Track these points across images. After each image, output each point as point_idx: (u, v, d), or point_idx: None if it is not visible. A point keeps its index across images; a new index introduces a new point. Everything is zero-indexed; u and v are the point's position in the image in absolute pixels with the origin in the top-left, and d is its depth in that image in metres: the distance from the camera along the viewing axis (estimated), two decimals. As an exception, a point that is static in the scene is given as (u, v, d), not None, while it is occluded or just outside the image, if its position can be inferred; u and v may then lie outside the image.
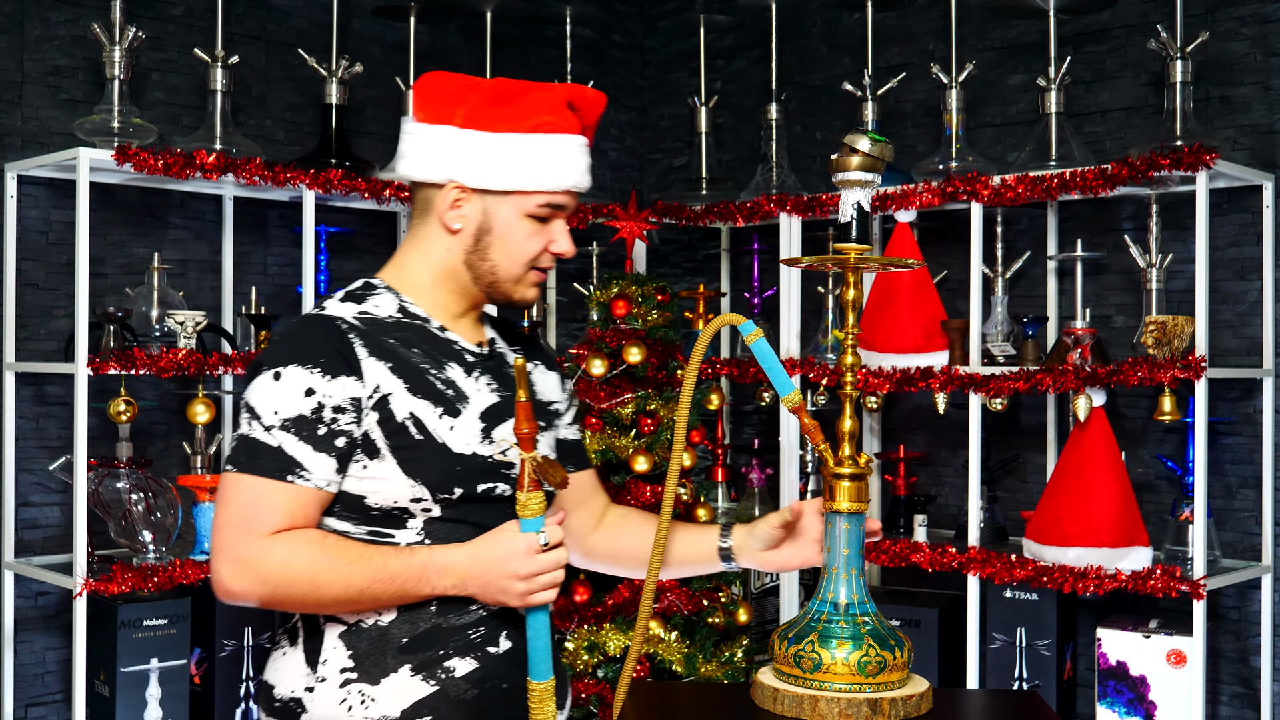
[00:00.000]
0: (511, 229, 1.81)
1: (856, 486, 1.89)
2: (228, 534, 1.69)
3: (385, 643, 1.74)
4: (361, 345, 1.74)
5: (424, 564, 1.72)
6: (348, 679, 1.74)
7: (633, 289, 3.43)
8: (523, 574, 1.71)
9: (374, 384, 1.73)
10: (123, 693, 3.08)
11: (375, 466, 1.73)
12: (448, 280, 1.85)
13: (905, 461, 3.72)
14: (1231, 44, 3.33)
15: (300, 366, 1.71)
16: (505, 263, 1.83)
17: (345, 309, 1.80)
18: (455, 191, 1.81)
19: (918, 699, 1.83)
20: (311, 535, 1.71)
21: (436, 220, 1.83)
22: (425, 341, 1.82)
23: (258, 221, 3.68)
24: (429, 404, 1.76)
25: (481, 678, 1.77)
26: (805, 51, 4.19)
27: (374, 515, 1.76)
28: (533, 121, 1.78)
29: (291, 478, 1.69)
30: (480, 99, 1.79)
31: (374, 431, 1.73)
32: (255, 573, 1.68)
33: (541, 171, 1.79)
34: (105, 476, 3.16)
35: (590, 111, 1.86)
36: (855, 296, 1.93)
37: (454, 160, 1.79)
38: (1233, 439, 3.34)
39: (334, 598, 1.70)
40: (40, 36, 3.32)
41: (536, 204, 1.81)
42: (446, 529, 1.78)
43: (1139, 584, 3.01)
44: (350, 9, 3.86)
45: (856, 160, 1.88)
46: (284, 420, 1.70)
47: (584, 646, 3.22)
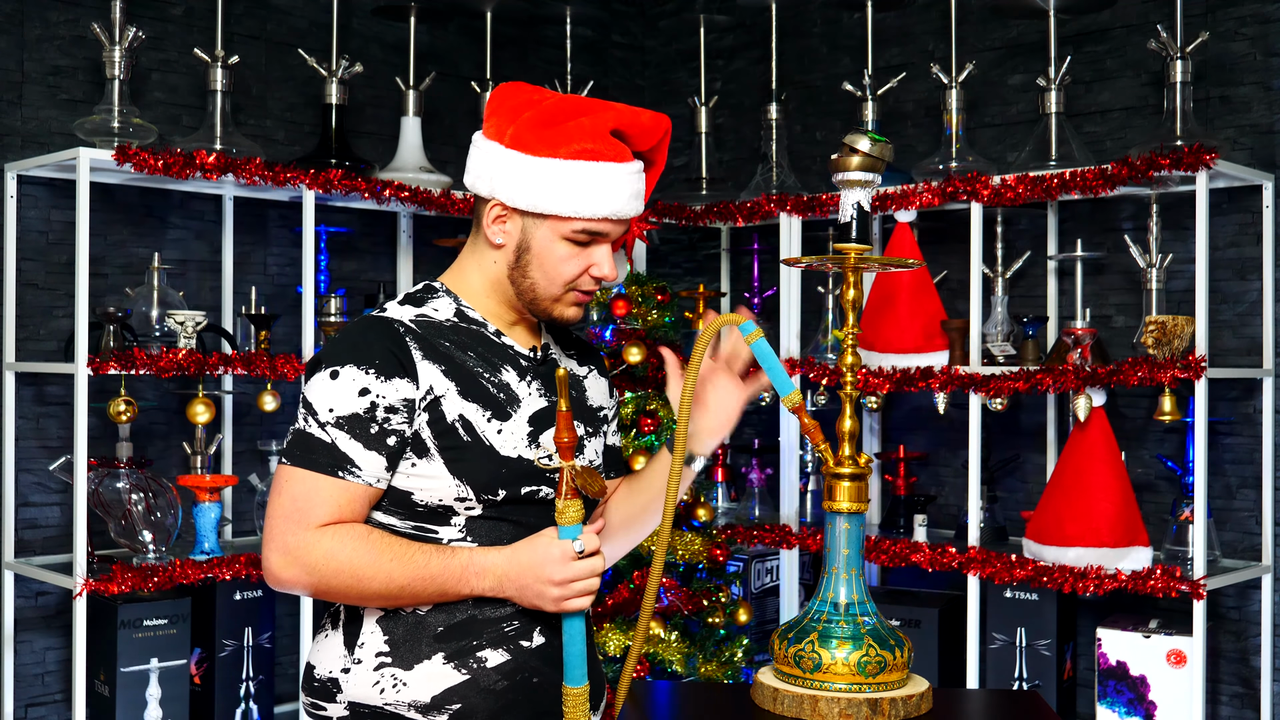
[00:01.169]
0: (549, 251, 1.84)
1: (856, 486, 1.89)
2: (279, 524, 1.75)
3: (421, 630, 1.79)
4: (417, 348, 1.79)
5: (464, 565, 1.76)
6: (382, 663, 1.79)
7: (633, 289, 3.42)
8: (557, 580, 1.74)
9: (427, 386, 1.78)
10: (123, 693, 3.08)
11: (424, 465, 1.78)
12: (496, 290, 1.88)
13: (905, 461, 3.72)
14: (1231, 44, 3.33)
15: (356, 367, 1.76)
16: (543, 282, 1.85)
17: (404, 312, 1.84)
18: (497, 208, 1.84)
19: (918, 699, 1.83)
20: (358, 530, 1.76)
21: (484, 233, 1.87)
22: (481, 345, 1.86)
23: (258, 221, 3.68)
24: (478, 407, 1.80)
25: (512, 670, 1.81)
26: (805, 51, 4.19)
27: (419, 511, 1.80)
28: (573, 148, 1.80)
29: (342, 474, 1.75)
30: (530, 120, 1.81)
31: (424, 431, 1.77)
32: (302, 563, 1.73)
33: (576, 198, 1.80)
34: (105, 476, 3.16)
35: (642, 139, 1.87)
36: (855, 296, 1.93)
37: (497, 177, 1.82)
38: (1233, 439, 3.34)
39: (376, 591, 1.75)
40: (40, 36, 3.32)
41: (573, 229, 1.82)
42: (488, 527, 1.82)
43: (1139, 584, 3.01)
44: (350, 9, 3.86)
45: (856, 160, 1.88)
46: (338, 418, 1.75)
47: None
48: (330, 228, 3.65)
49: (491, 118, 1.86)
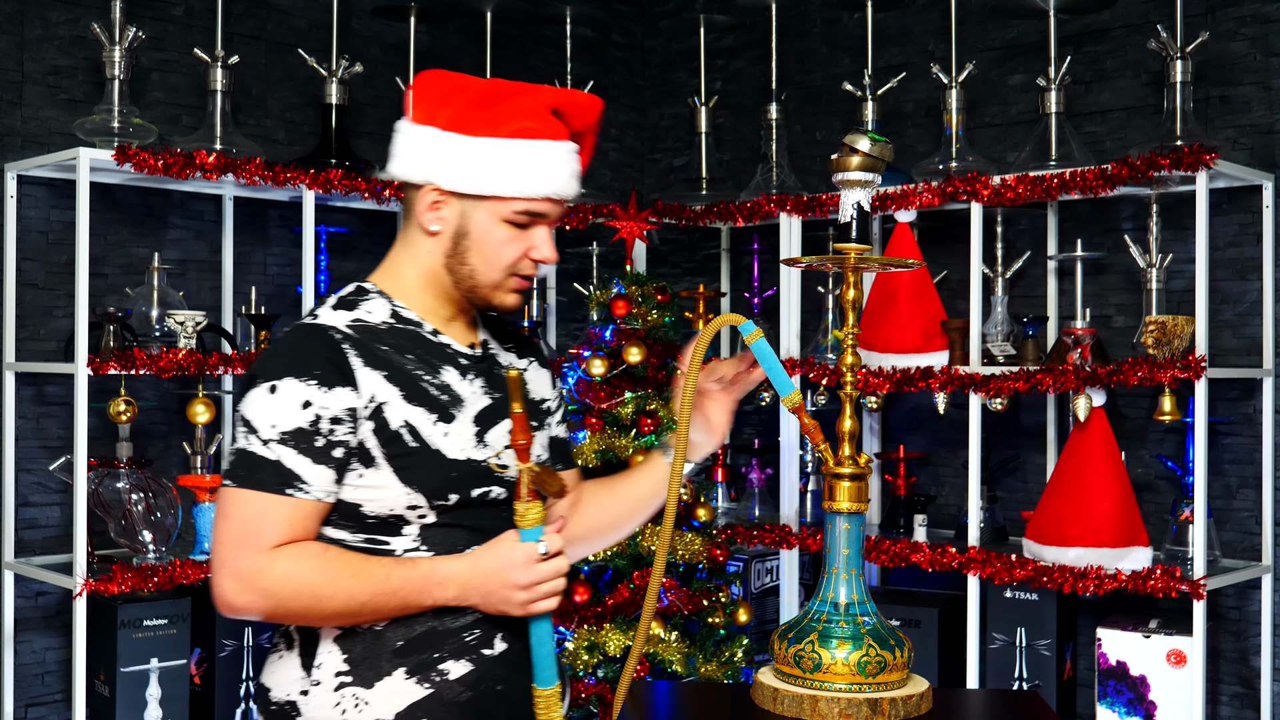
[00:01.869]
0: (488, 234, 1.79)
1: (856, 486, 1.89)
2: (229, 549, 1.69)
3: (380, 646, 1.74)
4: (356, 355, 1.74)
5: (425, 576, 1.72)
6: (342, 682, 1.74)
7: (633, 289, 3.42)
8: (524, 583, 1.71)
9: (369, 394, 1.73)
10: (123, 693, 3.08)
11: (371, 475, 1.73)
12: (432, 284, 1.84)
13: (905, 461, 3.72)
14: (1231, 44, 3.33)
15: (296, 379, 1.70)
16: (483, 268, 1.81)
17: (338, 317, 1.78)
18: (433, 194, 1.79)
19: (918, 699, 1.83)
20: (313, 548, 1.71)
21: (417, 222, 1.82)
22: (419, 346, 1.81)
23: (258, 221, 3.68)
24: (423, 411, 1.76)
25: (476, 680, 1.77)
26: (805, 51, 4.19)
27: (370, 523, 1.76)
28: (513, 126, 1.76)
29: (291, 491, 1.69)
30: (465, 101, 1.78)
31: (369, 441, 1.73)
32: (257, 588, 1.68)
33: (518, 177, 1.77)
34: (105, 476, 3.16)
35: (579, 118, 1.84)
36: (855, 296, 1.93)
37: (433, 162, 1.78)
38: (1233, 439, 3.34)
39: (336, 610, 1.70)
40: (40, 36, 3.32)
41: (513, 210, 1.79)
42: (442, 534, 1.78)
43: (1139, 584, 3.01)
44: (350, 9, 3.86)
45: (856, 160, 1.88)
46: (282, 434, 1.69)
47: (584, 646, 3.22)
48: (330, 228, 3.65)
49: (420, 103, 1.81)
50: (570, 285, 4.20)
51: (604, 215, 3.77)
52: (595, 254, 4.01)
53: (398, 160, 1.83)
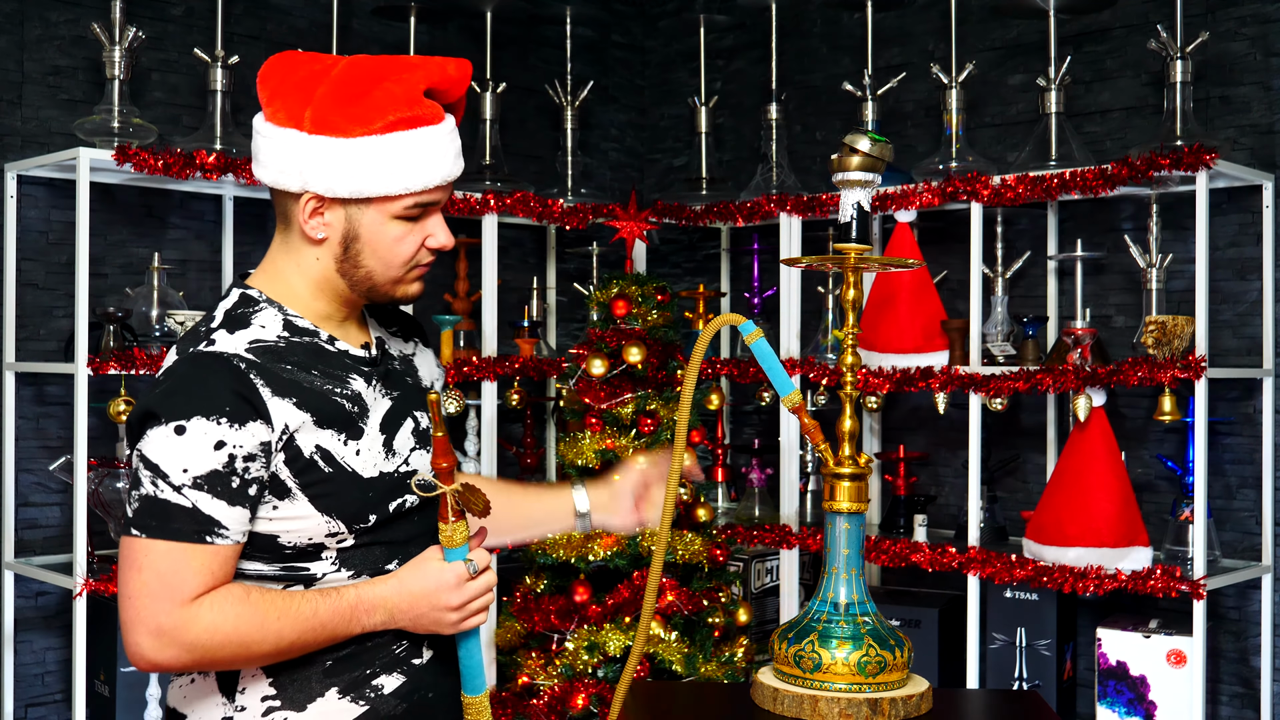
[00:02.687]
0: (380, 234, 1.67)
1: (856, 486, 1.89)
2: (144, 604, 1.56)
3: (309, 667, 1.68)
4: (263, 384, 1.62)
5: (352, 605, 1.65)
6: (270, 707, 1.67)
7: (633, 289, 3.42)
8: (455, 605, 1.67)
9: (281, 424, 1.62)
10: (123, 693, 3.08)
11: (286, 506, 1.64)
12: (324, 289, 1.72)
13: (905, 461, 3.72)
14: (1231, 44, 3.33)
15: (204, 418, 1.57)
16: (380, 268, 1.70)
17: (235, 341, 1.65)
18: (313, 201, 1.67)
19: (918, 699, 1.83)
20: (235, 593, 1.60)
21: (298, 230, 1.71)
22: (319, 360, 1.70)
23: (258, 221, 3.68)
24: (332, 433, 1.66)
25: (409, 691, 1.73)
26: (805, 51, 4.19)
27: (287, 553, 1.67)
28: (387, 119, 1.62)
29: (210, 538, 1.58)
30: (327, 97, 1.63)
31: (282, 472, 1.63)
32: (181, 642, 1.57)
33: (403, 173, 1.64)
34: (105, 476, 3.16)
35: (453, 91, 1.69)
36: (855, 296, 1.93)
37: (306, 169, 1.65)
38: (1233, 439, 3.34)
39: (265, 654, 1.62)
40: (40, 36, 3.32)
41: (404, 206, 1.67)
42: (361, 554, 1.71)
43: (1139, 584, 3.01)
44: (350, 9, 3.86)
45: (856, 160, 1.88)
46: (195, 478, 1.57)
47: (584, 646, 3.22)
48: (330, 228, 3.65)
49: (275, 99, 1.67)
50: (570, 285, 4.20)
51: (604, 215, 3.77)
52: (595, 254, 4.01)
53: (265, 166, 1.70)
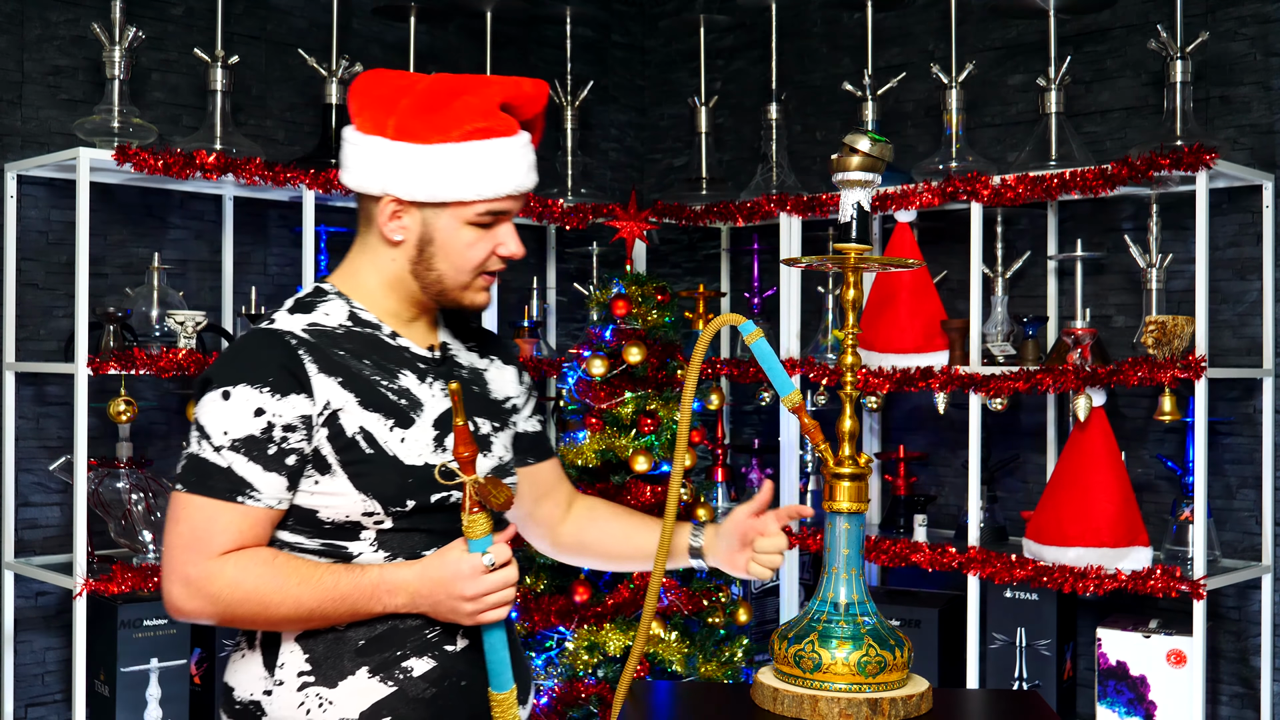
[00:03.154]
0: (453, 239, 1.78)
1: (856, 486, 1.89)
2: (178, 554, 1.69)
3: (342, 645, 1.74)
4: (311, 361, 1.73)
5: (374, 583, 1.72)
6: (305, 682, 1.74)
7: (633, 289, 3.43)
8: (469, 595, 1.70)
9: (324, 400, 1.72)
10: (123, 693, 3.08)
11: (327, 482, 1.73)
12: (396, 289, 1.82)
13: (905, 461, 3.72)
14: (1231, 44, 3.33)
15: (249, 385, 1.70)
16: (451, 272, 1.80)
17: (294, 321, 1.77)
18: (392, 205, 1.77)
19: (918, 699, 1.83)
20: (262, 555, 1.70)
21: (378, 231, 1.81)
22: (376, 351, 1.80)
23: (258, 221, 3.68)
24: (380, 417, 1.75)
25: (439, 676, 1.77)
26: (805, 51, 4.19)
27: (327, 529, 1.75)
28: (465, 129, 1.74)
29: (241, 498, 1.69)
30: (410, 107, 1.75)
31: (324, 447, 1.72)
32: (205, 593, 1.68)
33: (477, 180, 1.75)
34: (105, 476, 3.16)
35: (528, 108, 1.81)
36: (855, 296, 1.93)
37: (388, 173, 1.76)
38: (1233, 439, 3.34)
39: (284, 616, 1.70)
40: (40, 36, 3.32)
41: (477, 213, 1.77)
42: (400, 538, 1.77)
43: (1139, 584, 3.01)
44: (350, 9, 3.86)
45: (856, 160, 1.88)
46: (234, 441, 1.69)
47: (584, 646, 3.22)
48: (330, 228, 3.65)
49: (365, 111, 1.79)
50: (570, 285, 4.20)
51: (604, 215, 3.77)
52: (595, 254, 4.01)
53: (351, 171, 1.80)
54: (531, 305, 4.04)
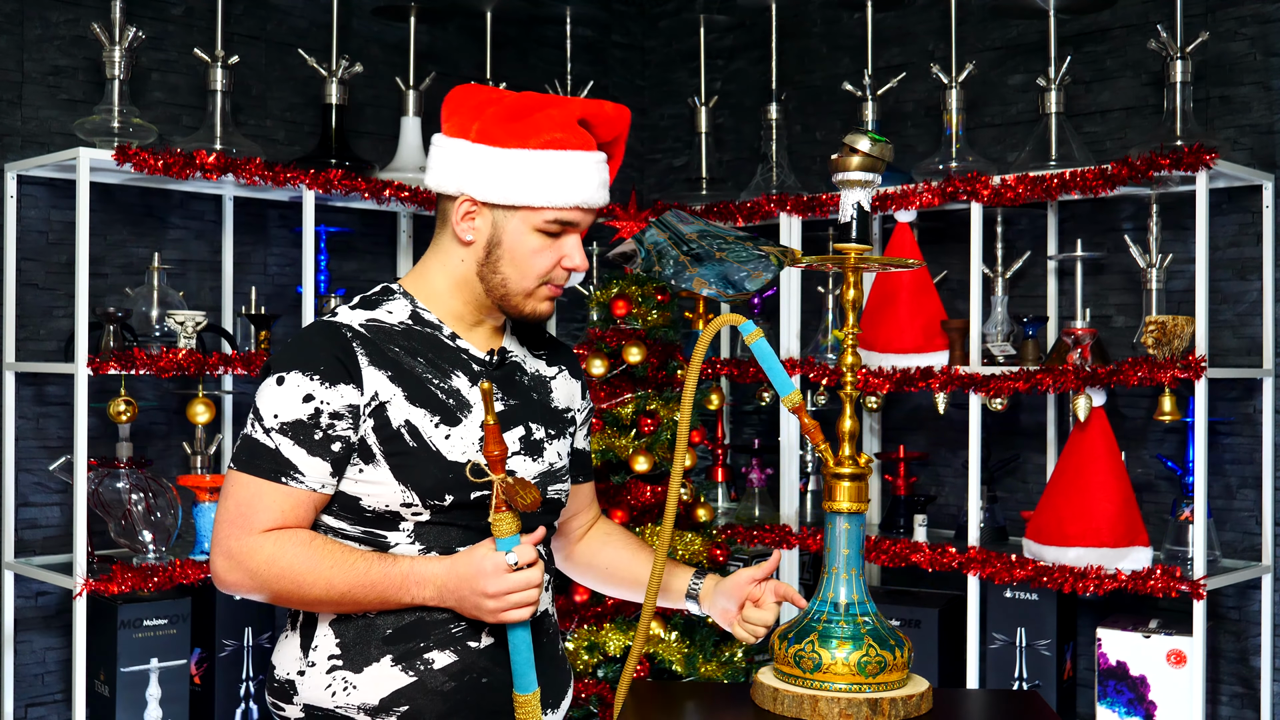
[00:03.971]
0: (520, 243, 1.84)
1: (856, 486, 1.89)
2: (225, 528, 1.78)
3: (370, 633, 1.80)
4: (363, 353, 1.79)
5: (405, 574, 1.77)
6: (334, 665, 1.80)
7: (633, 289, 3.42)
8: (491, 593, 1.74)
9: (372, 391, 1.78)
10: (123, 693, 3.08)
11: (370, 471, 1.79)
12: (462, 290, 1.88)
13: (905, 461, 3.72)
14: (1231, 44, 3.33)
15: (301, 373, 1.77)
16: (515, 276, 1.85)
17: (355, 316, 1.84)
18: (466, 204, 1.84)
19: (918, 699, 1.83)
20: (301, 536, 1.77)
21: (451, 231, 1.87)
22: (432, 350, 1.85)
23: (258, 221, 3.68)
24: (426, 413, 1.80)
25: (460, 671, 1.81)
26: (805, 51, 4.19)
27: (368, 516, 1.81)
28: (543, 138, 1.81)
29: (285, 479, 1.76)
30: (496, 114, 1.83)
31: (370, 437, 1.78)
32: (244, 567, 1.76)
33: (549, 188, 1.81)
34: (105, 476, 3.16)
35: (607, 128, 1.89)
36: (855, 296, 1.93)
37: (465, 173, 1.83)
38: (1233, 439, 3.34)
39: (317, 597, 1.76)
40: (40, 36, 3.32)
41: (545, 220, 1.83)
42: (437, 532, 1.82)
43: (1139, 584, 3.01)
44: (350, 9, 3.86)
45: (856, 160, 1.88)
46: (282, 424, 1.76)
47: (584, 646, 3.22)
48: (330, 228, 3.65)
49: (453, 117, 1.88)
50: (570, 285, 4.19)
51: (604, 215, 3.77)
52: (595, 254, 4.01)
53: (433, 172, 1.88)
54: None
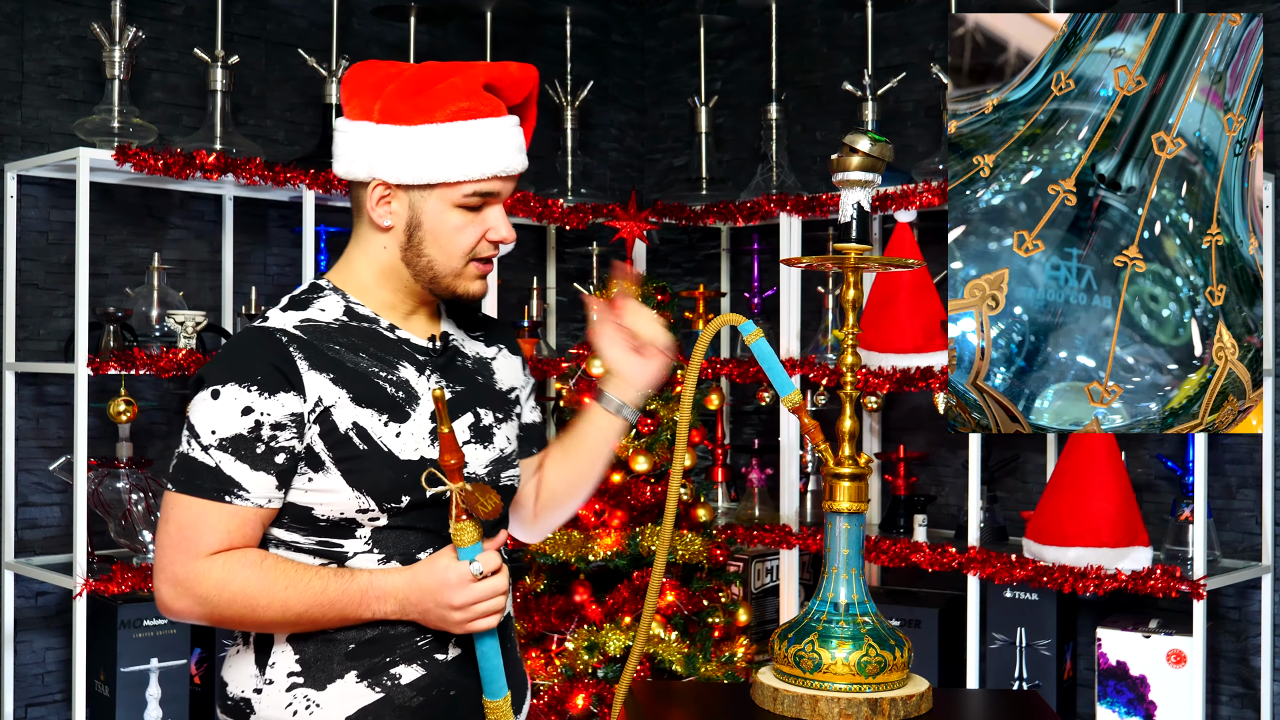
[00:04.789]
0: (441, 222, 1.76)
1: (856, 486, 1.89)
2: (167, 554, 1.69)
3: (332, 649, 1.73)
4: (302, 358, 1.71)
5: (364, 589, 1.70)
6: (294, 683, 1.73)
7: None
8: (457, 604, 1.68)
9: (315, 397, 1.70)
10: (123, 693, 3.08)
11: (320, 479, 1.71)
12: (390, 279, 1.80)
13: (905, 461, 3.72)
14: (1231, 44, 3.33)
15: (238, 385, 1.68)
16: (441, 257, 1.77)
17: (286, 319, 1.76)
18: (380, 188, 1.76)
19: (918, 699, 1.83)
20: (250, 556, 1.69)
21: (368, 218, 1.79)
22: (373, 344, 1.78)
23: (258, 221, 3.68)
24: (373, 412, 1.73)
25: (428, 685, 1.75)
26: (805, 51, 4.19)
27: (322, 526, 1.74)
28: (448, 110, 1.73)
29: (229, 498, 1.68)
30: (396, 91, 1.74)
31: (317, 444, 1.71)
32: (193, 594, 1.67)
33: (462, 160, 1.73)
34: (105, 476, 3.16)
35: (515, 90, 1.80)
36: (855, 296, 1.93)
37: (374, 156, 1.75)
38: (1233, 439, 3.34)
39: (272, 619, 1.69)
40: (40, 36, 3.32)
41: (463, 194, 1.75)
42: (395, 537, 1.75)
43: (1139, 584, 3.01)
44: (350, 9, 3.86)
45: (856, 160, 1.88)
46: (221, 440, 1.67)
47: (584, 646, 3.22)
48: (330, 228, 3.65)
49: (353, 99, 1.79)
50: (570, 285, 4.20)
51: (604, 215, 3.77)
52: (595, 254, 4.01)
53: (340, 159, 1.80)
54: (531, 305, 4.04)
